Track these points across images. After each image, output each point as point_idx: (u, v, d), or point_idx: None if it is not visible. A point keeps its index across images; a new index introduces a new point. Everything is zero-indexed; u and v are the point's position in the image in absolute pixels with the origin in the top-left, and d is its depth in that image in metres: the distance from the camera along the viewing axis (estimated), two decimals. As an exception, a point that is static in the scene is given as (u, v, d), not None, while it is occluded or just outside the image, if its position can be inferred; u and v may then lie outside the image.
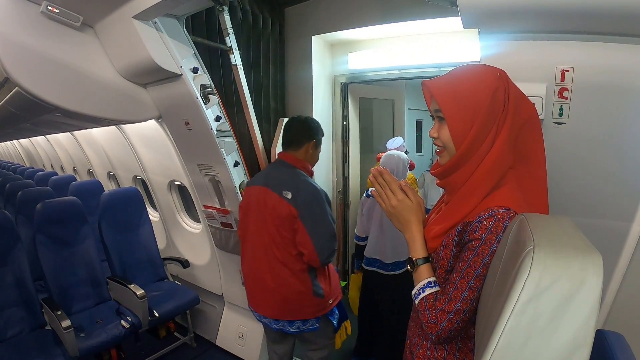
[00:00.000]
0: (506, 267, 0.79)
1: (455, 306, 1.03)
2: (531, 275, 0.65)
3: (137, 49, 2.21)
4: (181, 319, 3.52)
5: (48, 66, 2.19)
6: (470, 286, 1.01)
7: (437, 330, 1.05)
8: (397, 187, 1.21)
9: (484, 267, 1.00)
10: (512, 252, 0.79)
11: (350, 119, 4.08)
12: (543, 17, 1.36)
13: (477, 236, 1.01)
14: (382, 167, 1.25)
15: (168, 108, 2.64)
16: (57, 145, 6.66)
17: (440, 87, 1.09)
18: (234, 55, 2.95)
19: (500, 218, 1.00)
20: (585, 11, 1.26)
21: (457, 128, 1.07)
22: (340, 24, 3.41)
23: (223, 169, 2.61)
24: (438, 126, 1.14)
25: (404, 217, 1.20)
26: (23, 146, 10.03)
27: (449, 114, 1.07)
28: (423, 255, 1.16)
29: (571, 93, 1.51)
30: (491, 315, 0.79)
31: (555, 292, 0.64)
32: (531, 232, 0.72)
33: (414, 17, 2.94)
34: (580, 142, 1.57)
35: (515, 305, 0.65)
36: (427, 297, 1.10)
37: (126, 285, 2.99)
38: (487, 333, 0.75)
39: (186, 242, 3.73)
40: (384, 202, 1.22)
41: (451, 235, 1.09)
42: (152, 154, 3.54)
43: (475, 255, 1.01)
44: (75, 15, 2.21)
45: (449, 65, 3.27)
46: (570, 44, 1.46)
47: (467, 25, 1.54)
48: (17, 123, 4.12)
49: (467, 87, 1.06)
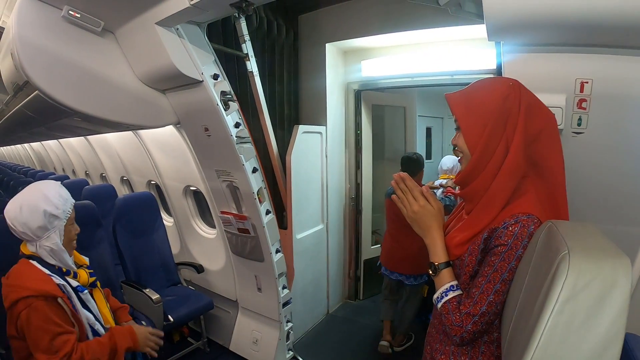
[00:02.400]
0: (537, 271, 0.84)
1: (480, 309, 1.06)
2: (568, 278, 0.70)
3: (159, 55, 2.23)
4: (194, 324, 3.52)
5: (68, 70, 2.21)
6: (495, 290, 1.05)
7: (462, 333, 1.08)
8: (419, 193, 1.23)
9: (509, 271, 1.04)
10: (542, 257, 0.84)
11: (363, 126, 4.10)
12: (564, 31, 1.41)
13: (503, 242, 1.05)
14: (404, 173, 1.26)
15: (187, 114, 2.66)
16: (69, 149, 6.71)
17: (456, 99, 1.16)
18: (250, 62, 2.98)
19: (525, 224, 1.04)
20: (604, 25, 1.31)
21: (469, 134, 1.13)
22: (354, 31, 3.45)
23: (242, 175, 2.62)
24: (457, 134, 1.20)
25: (425, 223, 1.22)
26: (34, 149, 10.11)
27: (461, 121, 1.14)
28: (444, 259, 1.19)
29: (590, 104, 1.56)
30: (522, 315, 0.85)
31: (590, 292, 0.70)
32: (563, 238, 0.78)
33: (427, 26, 2.97)
34: (598, 151, 1.61)
35: (555, 305, 0.71)
36: (450, 300, 1.13)
37: (141, 289, 2.99)
38: (518, 334, 0.84)
39: (200, 247, 3.74)
40: (406, 208, 1.24)
41: (477, 242, 1.12)
42: (168, 160, 3.56)
43: (501, 260, 1.05)
44: (97, 21, 2.24)
45: (461, 73, 3.31)
46: (590, 57, 1.51)
47: (492, 38, 1.59)
48: (32, 127, 4.16)
49: (478, 96, 1.13)
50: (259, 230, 2.79)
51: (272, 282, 2.96)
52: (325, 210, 3.84)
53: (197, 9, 1.94)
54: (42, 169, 9.54)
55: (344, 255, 4.27)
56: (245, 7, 1.95)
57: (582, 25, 1.34)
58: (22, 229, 1.58)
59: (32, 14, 2.09)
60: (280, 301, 2.98)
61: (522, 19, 1.38)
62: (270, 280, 2.97)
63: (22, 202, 1.60)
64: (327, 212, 3.86)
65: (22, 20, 2.06)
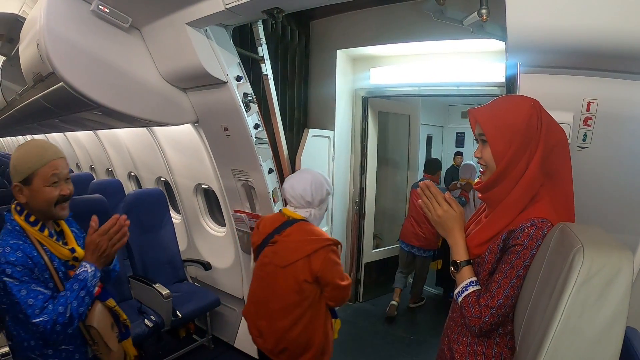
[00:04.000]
0: (551, 265, 1.02)
1: (498, 302, 1.18)
2: (583, 266, 0.88)
3: (187, 54, 2.30)
4: (199, 320, 3.55)
5: (94, 64, 2.27)
6: (512, 285, 1.18)
7: (480, 323, 1.20)
8: (443, 199, 1.36)
9: (524, 268, 1.17)
10: (557, 252, 1.01)
11: (369, 132, 4.20)
12: (577, 56, 1.57)
13: (520, 242, 1.18)
14: (429, 181, 1.40)
15: (207, 113, 2.73)
16: (75, 143, 6.70)
17: (484, 115, 1.28)
18: (265, 65, 3.05)
19: (540, 227, 1.16)
20: (612, 53, 1.48)
21: (497, 148, 1.24)
22: (364, 39, 3.54)
23: (258, 175, 2.69)
24: (481, 148, 1.32)
25: (448, 225, 1.35)
26: (36, 142, 9.89)
27: (490, 136, 1.25)
28: (465, 258, 1.32)
29: (595, 121, 1.74)
30: (539, 300, 1.02)
31: (601, 277, 0.88)
32: (576, 235, 0.96)
33: (435, 37, 3.09)
34: (600, 163, 1.79)
35: (573, 287, 0.88)
36: (470, 294, 1.25)
37: (151, 284, 3.02)
38: (535, 317, 1.02)
39: (208, 245, 3.78)
40: (431, 212, 1.37)
41: (496, 242, 1.24)
42: (180, 157, 3.61)
43: (517, 258, 1.18)
44: (125, 17, 2.30)
45: (467, 85, 3.43)
46: (597, 80, 1.69)
47: (512, 58, 1.74)
48: (45, 118, 4.18)
49: (505, 114, 1.24)
50: (272, 230, 2.84)
51: (281, 281, 3.01)
52: (330, 212, 3.91)
53: (231, 13, 2.01)
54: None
55: (346, 258, 4.35)
56: (276, 14, 2.03)
57: (594, 53, 1.50)
58: (307, 199, 1.99)
59: (61, 6, 2.14)
60: (287, 300, 3.02)
61: (541, 45, 1.54)
62: (279, 279, 3.01)
63: (311, 179, 2.00)
64: (332, 215, 3.94)
65: (51, 12, 2.10)
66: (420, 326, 4.15)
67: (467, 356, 1.32)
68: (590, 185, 1.78)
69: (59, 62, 2.15)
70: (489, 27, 1.89)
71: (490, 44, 3.00)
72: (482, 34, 1.95)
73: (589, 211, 1.76)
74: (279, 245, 1.96)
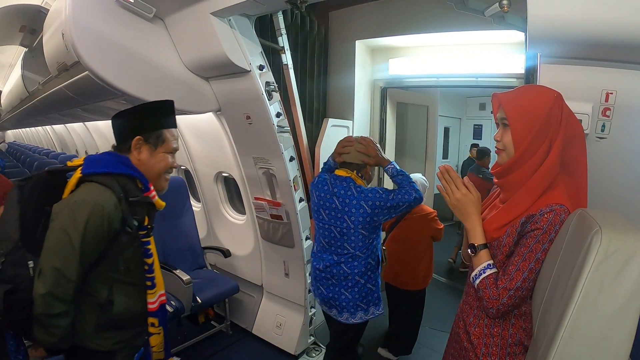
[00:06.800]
0: (571, 248, 1.06)
1: (516, 284, 1.23)
2: (602, 246, 0.93)
3: (211, 43, 2.33)
4: (218, 307, 3.62)
5: (119, 53, 2.30)
6: (530, 268, 1.22)
7: (498, 305, 1.25)
8: (461, 183, 1.40)
9: (543, 252, 1.21)
10: (576, 236, 1.06)
11: (387, 123, 4.19)
12: (596, 47, 1.59)
13: (539, 226, 1.21)
14: (448, 165, 1.45)
15: (230, 102, 2.76)
16: (95, 132, 6.79)
17: (509, 100, 1.32)
18: (285, 54, 3.08)
19: (559, 212, 1.20)
20: (632, 45, 1.50)
21: (517, 133, 1.28)
22: (383, 30, 3.53)
23: (280, 163, 2.72)
24: (502, 131, 1.36)
25: (465, 209, 1.38)
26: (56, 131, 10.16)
27: (512, 119, 1.29)
28: (482, 241, 1.35)
29: (613, 112, 1.76)
30: (559, 281, 1.07)
31: (618, 256, 0.93)
32: (594, 219, 1.00)
33: (454, 28, 3.07)
34: (617, 154, 1.81)
35: (592, 265, 0.93)
36: (488, 277, 1.29)
37: (171, 270, 3.07)
38: (555, 296, 1.07)
39: (228, 232, 3.84)
40: (449, 196, 1.41)
41: (515, 226, 1.28)
42: (202, 146, 3.65)
43: (536, 242, 1.22)
44: (149, 7, 2.33)
45: (486, 77, 3.41)
46: (616, 71, 1.71)
47: (532, 49, 1.77)
48: (67, 107, 4.24)
49: (529, 101, 1.29)
50: (292, 217, 2.90)
51: (301, 268, 3.07)
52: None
53: (255, 3, 2.04)
54: (64, 151, 9.63)
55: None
56: (299, 4, 2.05)
57: (613, 44, 1.52)
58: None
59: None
60: (307, 287, 3.08)
61: (562, 35, 1.56)
62: (299, 266, 3.07)
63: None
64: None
65: (77, 3, 2.13)
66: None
67: (484, 337, 1.36)
68: (608, 175, 1.81)
69: (84, 51, 2.18)
70: (510, 18, 1.91)
71: (509, 35, 2.98)
72: (503, 25, 1.97)
73: (606, 200, 1.79)
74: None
